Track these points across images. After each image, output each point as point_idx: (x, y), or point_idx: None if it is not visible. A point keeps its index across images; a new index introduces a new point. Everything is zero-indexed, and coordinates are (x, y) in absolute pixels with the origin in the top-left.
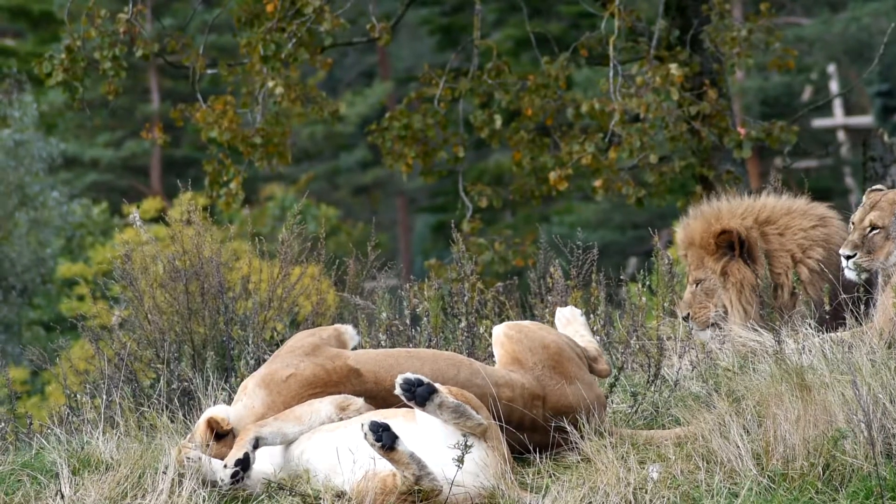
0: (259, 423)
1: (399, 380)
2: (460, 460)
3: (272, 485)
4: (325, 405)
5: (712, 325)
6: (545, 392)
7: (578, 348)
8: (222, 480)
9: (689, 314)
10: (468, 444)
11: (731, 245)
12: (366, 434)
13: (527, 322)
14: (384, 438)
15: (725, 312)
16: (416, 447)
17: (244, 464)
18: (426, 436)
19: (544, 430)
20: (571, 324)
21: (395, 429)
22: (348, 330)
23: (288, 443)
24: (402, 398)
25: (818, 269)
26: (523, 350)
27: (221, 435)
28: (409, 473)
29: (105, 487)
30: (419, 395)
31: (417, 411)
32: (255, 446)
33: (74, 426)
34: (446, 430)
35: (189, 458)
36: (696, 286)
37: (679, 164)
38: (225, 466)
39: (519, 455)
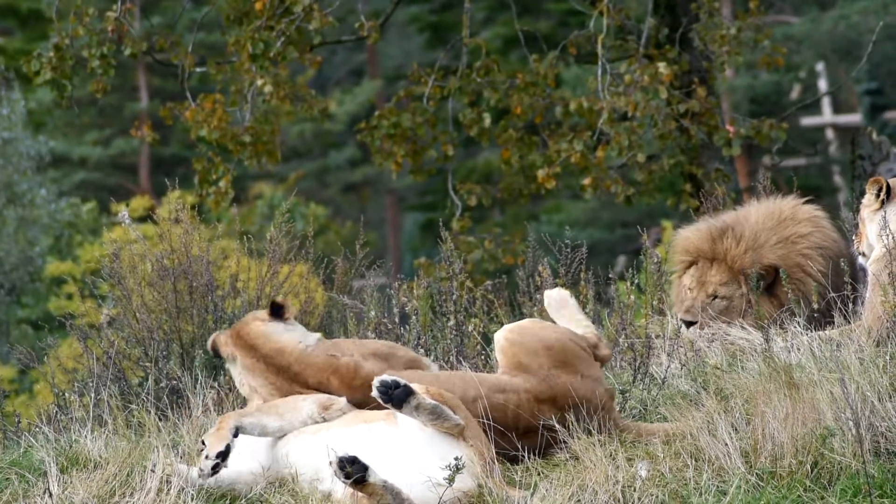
0: (241, 412)
1: (376, 382)
2: (451, 480)
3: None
4: (307, 404)
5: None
6: (554, 392)
7: (581, 340)
8: (202, 471)
9: (695, 322)
10: (459, 465)
11: (762, 278)
12: (335, 471)
13: (527, 322)
14: (354, 472)
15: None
16: (397, 453)
17: (224, 455)
18: (408, 439)
19: (552, 427)
20: (563, 308)
21: (376, 437)
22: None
23: (266, 436)
24: (379, 400)
25: (822, 281)
26: (526, 353)
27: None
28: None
29: (93, 486)
30: (396, 397)
31: (397, 413)
32: (235, 434)
33: (63, 424)
34: (426, 432)
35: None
36: (714, 299)
37: (668, 162)
38: (206, 457)
39: (514, 452)
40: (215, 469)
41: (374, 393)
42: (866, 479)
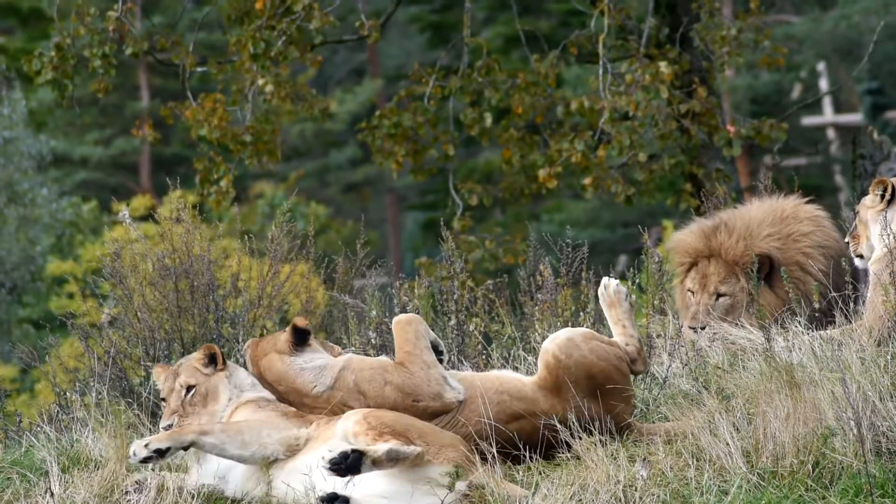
0: (204, 430)
1: (324, 463)
2: (451, 487)
3: None
4: (272, 442)
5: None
6: (567, 416)
7: (623, 360)
8: (134, 454)
9: (703, 328)
10: (458, 472)
11: (760, 266)
12: None
13: (579, 337)
14: None
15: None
16: (366, 475)
17: (162, 454)
18: None
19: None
20: (614, 308)
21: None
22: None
23: (223, 458)
24: (336, 478)
25: (823, 280)
26: (567, 379)
27: None
28: None
29: (94, 485)
30: (350, 466)
31: None
32: (185, 448)
33: (64, 424)
34: None
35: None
36: (717, 299)
37: (668, 162)
38: (146, 446)
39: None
40: (145, 461)
41: (327, 476)
42: (868, 479)
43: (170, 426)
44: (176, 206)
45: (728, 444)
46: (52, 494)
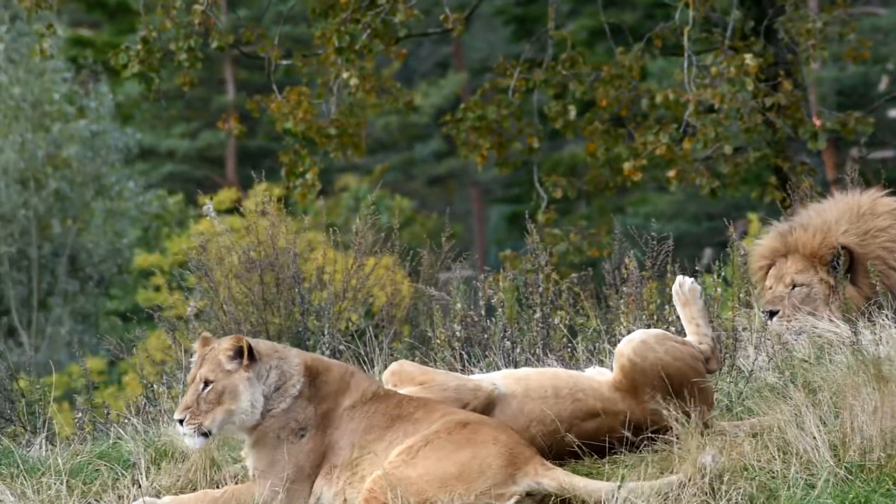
0: None
1: None
2: None
3: None
4: None
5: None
6: (648, 422)
7: (697, 359)
8: None
9: (777, 310)
10: None
11: (837, 260)
12: None
13: (652, 338)
14: None
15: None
16: None
17: None
18: None
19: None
20: (689, 306)
21: None
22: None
23: None
24: None
25: None
26: (643, 381)
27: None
28: None
29: (180, 477)
30: None
31: None
32: None
33: (151, 416)
34: None
35: None
36: (793, 288)
37: (754, 155)
38: None
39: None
40: None
41: None
42: None
43: (181, 421)
44: (261, 199)
45: (815, 437)
46: (139, 486)
